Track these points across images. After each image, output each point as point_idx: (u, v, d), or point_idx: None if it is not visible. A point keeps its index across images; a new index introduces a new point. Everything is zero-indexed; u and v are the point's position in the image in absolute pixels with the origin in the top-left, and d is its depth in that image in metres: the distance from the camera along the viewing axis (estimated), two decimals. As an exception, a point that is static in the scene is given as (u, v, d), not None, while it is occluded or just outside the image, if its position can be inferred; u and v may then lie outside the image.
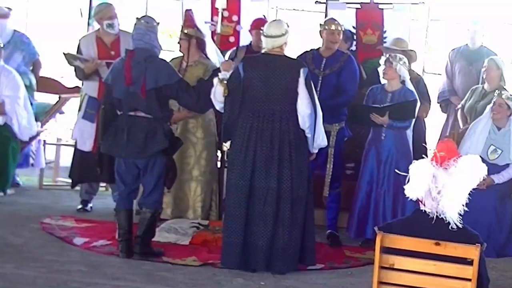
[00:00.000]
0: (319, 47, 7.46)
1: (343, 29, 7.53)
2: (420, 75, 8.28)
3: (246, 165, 6.29)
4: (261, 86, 6.30)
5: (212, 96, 6.45)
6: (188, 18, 7.57)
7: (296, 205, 6.31)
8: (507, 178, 7.37)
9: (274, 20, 6.75)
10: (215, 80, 6.42)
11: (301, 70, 6.32)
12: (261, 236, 6.26)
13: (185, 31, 7.51)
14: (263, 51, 6.51)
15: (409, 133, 7.37)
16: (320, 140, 6.42)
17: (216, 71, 6.70)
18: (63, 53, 7.93)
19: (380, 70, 7.39)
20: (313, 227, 6.51)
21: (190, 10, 7.70)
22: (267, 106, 6.31)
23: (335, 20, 7.58)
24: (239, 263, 6.28)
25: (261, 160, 6.28)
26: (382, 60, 7.43)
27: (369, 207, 7.30)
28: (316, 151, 6.55)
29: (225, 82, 6.34)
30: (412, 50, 8.17)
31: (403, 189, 4.40)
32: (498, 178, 7.31)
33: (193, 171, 7.51)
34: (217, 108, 6.53)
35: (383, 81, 7.41)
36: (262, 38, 6.46)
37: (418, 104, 7.35)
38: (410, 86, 7.35)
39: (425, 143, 7.76)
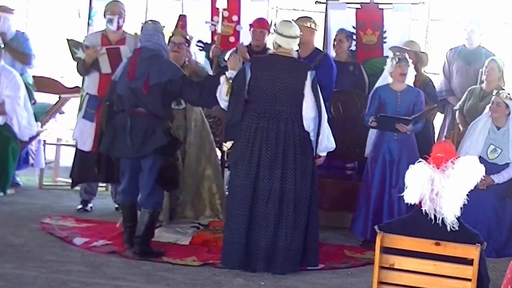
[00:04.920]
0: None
1: (312, 26, 7.48)
2: (429, 77, 8.26)
3: (251, 165, 6.30)
4: (268, 87, 6.31)
5: (218, 94, 6.46)
6: (185, 24, 7.56)
7: (299, 206, 6.32)
8: (507, 178, 7.37)
9: (287, 21, 6.70)
10: (222, 79, 6.43)
11: (309, 73, 6.35)
12: (262, 236, 6.27)
13: (187, 37, 7.48)
14: (271, 52, 6.52)
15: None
16: (325, 142, 6.42)
17: (223, 69, 6.70)
18: (66, 39, 7.95)
19: (387, 69, 7.35)
20: (317, 228, 6.53)
21: (185, 15, 7.71)
22: (273, 107, 6.32)
23: (306, 18, 7.58)
24: (240, 263, 6.29)
25: (265, 161, 6.29)
26: (392, 60, 7.41)
27: (382, 208, 7.27)
28: (325, 154, 6.55)
29: (231, 81, 6.36)
30: (423, 53, 8.17)
31: None
32: (498, 178, 7.30)
33: (206, 171, 7.51)
34: (222, 106, 6.52)
35: (384, 81, 7.39)
36: (283, 39, 6.38)
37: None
38: (411, 84, 7.35)
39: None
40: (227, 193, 7.86)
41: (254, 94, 6.35)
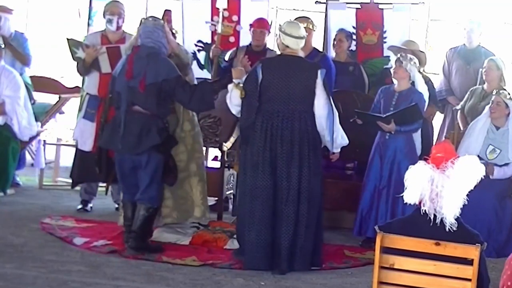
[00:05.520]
0: None
1: (309, 27, 7.50)
2: (428, 77, 8.24)
3: (270, 165, 6.32)
4: (281, 87, 6.36)
5: (228, 101, 6.50)
6: (170, 18, 7.51)
7: (312, 205, 6.37)
8: (508, 175, 7.35)
9: (293, 22, 6.75)
10: (230, 86, 6.47)
11: (319, 71, 6.41)
12: (283, 235, 6.30)
13: (174, 31, 7.45)
14: (279, 52, 6.59)
15: (417, 134, 7.34)
16: (340, 139, 6.50)
17: (223, 78, 6.68)
18: (66, 39, 7.95)
19: (391, 69, 7.36)
20: (322, 228, 6.58)
21: (170, 10, 7.68)
22: (286, 107, 6.36)
23: (303, 18, 7.59)
24: (267, 263, 6.31)
25: (282, 160, 6.33)
26: (392, 60, 7.40)
27: (372, 206, 7.30)
28: (338, 150, 6.62)
29: (241, 85, 6.38)
30: (422, 52, 8.15)
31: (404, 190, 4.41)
32: (498, 171, 7.29)
33: (190, 166, 7.17)
34: (234, 112, 6.53)
35: (395, 80, 7.38)
36: (292, 39, 6.42)
37: (426, 105, 7.33)
38: (419, 87, 7.30)
39: (432, 145, 7.76)
40: (228, 192, 7.90)
41: (267, 95, 6.38)
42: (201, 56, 8.96)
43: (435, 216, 4.33)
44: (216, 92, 6.65)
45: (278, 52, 6.70)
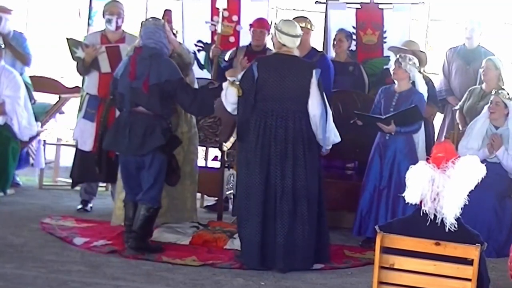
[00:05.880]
0: None
1: (307, 26, 7.52)
2: (428, 77, 8.24)
3: (262, 163, 6.34)
4: (276, 86, 6.37)
5: (223, 99, 6.51)
6: (170, 18, 7.50)
7: (311, 204, 6.39)
8: (510, 166, 7.34)
9: (289, 20, 6.76)
10: (225, 84, 6.48)
11: (314, 71, 6.43)
12: (279, 233, 6.31)
13: (174, 31, 7.46)
14: (275, 51, 6.60)
15: (418, 134, 7.33)
16: (333, 137, 6.53)
17: (222, 73, 6.71)
18: (66, 38, 7.96)
19: (391, 70, 7.36)
20: (326, 224, 6.60)
21: (170, 10, 7.67)
22: (281, 105, 6.38)
23: (301, 18, 7.60)
24: (262, 261, 6.33)
25: (275, 158, 6.35)
26: (392, 61, 7.40)
27: (371, 206, 7.31)
28: (330, 147, 6.63)
29: (237, 83, 6.39)
30: (422, 52, 8.15)
31: (404, 190, 4.42)
32: (503, 153, 7.27)
33: (185, 167, 7.20)
34: (229, 110, 6.54)
35: (395, 81, 7.38)
36: (288, 38, 6.44)
37: (424, 105, 7.33)
38: (420, 87, 7.29)
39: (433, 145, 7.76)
40: (228, 192, 7.91)
41: (262, 93, 6.40)
42: (201, 56, 8.96)
43: (435, 216, 4.34)
44: (217, 98, 6.67)
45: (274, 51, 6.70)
